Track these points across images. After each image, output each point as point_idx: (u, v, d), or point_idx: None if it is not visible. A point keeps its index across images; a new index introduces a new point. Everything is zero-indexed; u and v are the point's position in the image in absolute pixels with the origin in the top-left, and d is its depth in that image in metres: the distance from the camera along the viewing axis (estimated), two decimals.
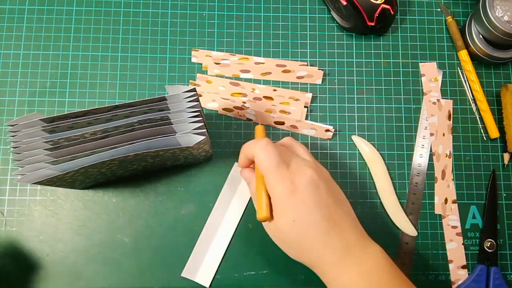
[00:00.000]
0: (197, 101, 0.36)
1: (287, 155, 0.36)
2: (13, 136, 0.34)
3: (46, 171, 0.34)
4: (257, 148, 0.36)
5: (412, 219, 0.45)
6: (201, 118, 0.35)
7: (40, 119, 0.33)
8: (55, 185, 0.37)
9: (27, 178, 0.33)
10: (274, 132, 0.47)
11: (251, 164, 0.40)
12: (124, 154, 0.34)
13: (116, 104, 0.34)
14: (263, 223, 0.37)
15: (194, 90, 0.36)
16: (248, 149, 0.38)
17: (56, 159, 0.33)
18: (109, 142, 0.34)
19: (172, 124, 0.35)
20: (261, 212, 0.35)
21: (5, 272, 0.43)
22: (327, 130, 0.46)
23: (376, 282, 0.33)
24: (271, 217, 0.35)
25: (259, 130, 0.41)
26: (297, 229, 0.34)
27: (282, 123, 0.47)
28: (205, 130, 0.36)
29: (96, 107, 0.34)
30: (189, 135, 0.35)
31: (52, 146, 0.34)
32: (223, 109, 0.47)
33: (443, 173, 0.46)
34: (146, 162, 0.39)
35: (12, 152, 0.34)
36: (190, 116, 0.35)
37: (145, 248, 0.44)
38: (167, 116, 0.35)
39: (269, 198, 0.36)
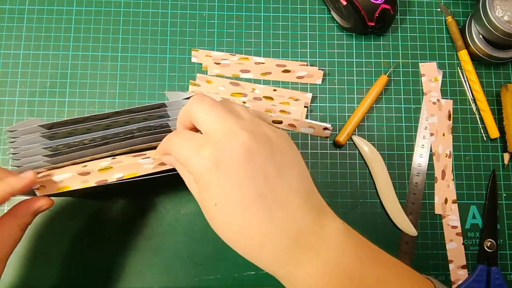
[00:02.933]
0: None
1: (211, 117, 0.27)
2: (12, 142, 0.34)
3: None
4: (168, 141, 0.29)
5: (412, 219, 0.45)
6: None
7: (39, 125, 0.33)
8: (54, 196, 0.37)
9: None
10: None
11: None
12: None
13: (116, 110, 0.34)
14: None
15: None
16: (163, 147, 0.30)
17: (55, 166, 0.33)
18: (108, 149, 0.34)
19: (172, 131, 0.35)
20: None
21: (5, 272, 0.43)
22: (325, 129, 0.46)
23: (341, 273, 0.25)
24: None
25: None
26: (222, 213, 0.25)
27: (280, 122, 0.47)
28: None
29: (96, 114, 0.33)
30: None
31: (51, 152, 0.34)
32: None
33: (443, 173, 0.46)
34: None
35: (11, 159, 0.34)
36: None
37: (145, 248, 0.44)
38: (167, 123, 0.35)
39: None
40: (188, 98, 0.35)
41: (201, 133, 0.28)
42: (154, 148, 0.35)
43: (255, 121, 0.27)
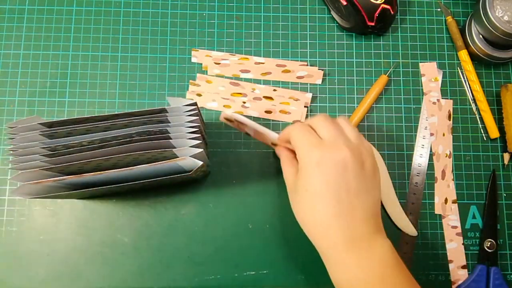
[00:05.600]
0: (197, 116, 0.35)
1: (330, 129, 0.36)
2: (11, 138, 0.34)
3: (42, 186, 0.33)
4: (291, 129, 0.37)
5: (412, 219, 0.45)
6: (200, 135, 0.35)
7: (39, 123, 0.33)
8: (51, 198, 0.37)
9: (21, 190, 0.32)
10: None
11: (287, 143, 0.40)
12: (124, 183, 0.34)
13: (116, 113, 0.33)
14: (288, 185, 0.38)
15: (195, 104, 0.35)
16: (284, 133, 0.39)
17: (53, 166, 0.33)
18: (106, 152, 0.33)
19: (171, 138, 0.34)
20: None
21: (5, 272, 0.43)
22: None
23: (377, 278, 0.33)
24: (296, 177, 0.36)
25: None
26: (307, 199, 0.34)
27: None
28: (203, 149, 0.35)
29: (96, 115, 0.33)
30: (189, 160, 0.34)
31: (49, 152, 0.33)
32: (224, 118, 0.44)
33: (443, 173, 0.46)
34: (144, 184, 0.39)
35: (10, 155, 0.34)
36: (189, 131, 0.35)
37: (145, 248, 0.44)
38: (166, 129, 0.35)
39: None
40: (188, 105, 0.35)
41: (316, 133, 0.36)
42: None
43: (356, 143, 0.36)
